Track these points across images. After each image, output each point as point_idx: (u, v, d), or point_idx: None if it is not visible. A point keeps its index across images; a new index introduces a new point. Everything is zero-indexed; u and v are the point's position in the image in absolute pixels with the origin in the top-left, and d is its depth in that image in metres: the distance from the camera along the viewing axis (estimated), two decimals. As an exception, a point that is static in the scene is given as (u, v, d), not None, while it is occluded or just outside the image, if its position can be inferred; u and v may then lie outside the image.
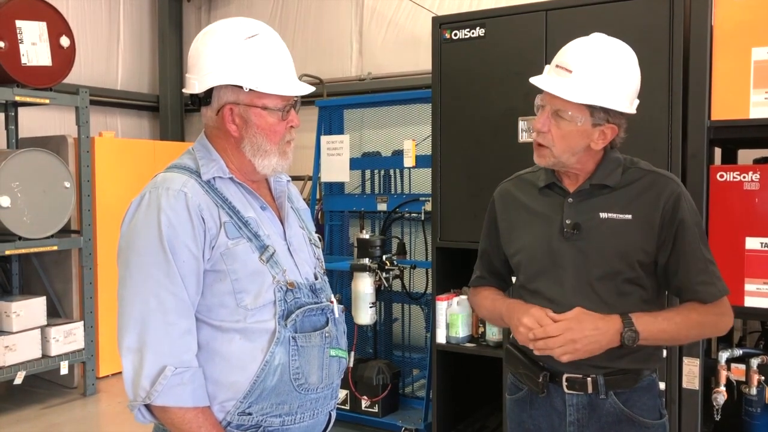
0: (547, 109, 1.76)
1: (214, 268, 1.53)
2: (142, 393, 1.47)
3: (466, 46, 3.57)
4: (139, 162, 5.99)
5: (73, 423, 4.78)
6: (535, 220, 1.87)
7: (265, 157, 1.61)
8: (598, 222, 1.77)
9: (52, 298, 5.40)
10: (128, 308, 1.49)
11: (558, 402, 1.82)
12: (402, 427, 4.19)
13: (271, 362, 1.53)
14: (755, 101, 2.81)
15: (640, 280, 1.77)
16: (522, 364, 1.86)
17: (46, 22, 4.93)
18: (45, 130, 6.22)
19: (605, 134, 1.75)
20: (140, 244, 1.50)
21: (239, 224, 1.57)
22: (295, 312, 1.58)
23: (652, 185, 1.78)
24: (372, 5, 6.47)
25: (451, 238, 3.70)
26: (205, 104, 1.62)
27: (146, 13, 7.64)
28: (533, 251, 1.85)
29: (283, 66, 1.61)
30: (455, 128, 3.65)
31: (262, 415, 1.55)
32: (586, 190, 1.80)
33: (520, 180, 1.99)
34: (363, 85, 6.42)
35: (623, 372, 1.78)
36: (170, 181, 1.56)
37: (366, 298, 4.23)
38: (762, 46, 2.79)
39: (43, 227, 4.89)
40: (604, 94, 1.70)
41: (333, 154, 4.74)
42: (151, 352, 1.46)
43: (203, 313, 1.54)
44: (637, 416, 1.79)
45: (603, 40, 1.76)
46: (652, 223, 1.75)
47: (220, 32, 1.60)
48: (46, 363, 4.96)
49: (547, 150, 1.78)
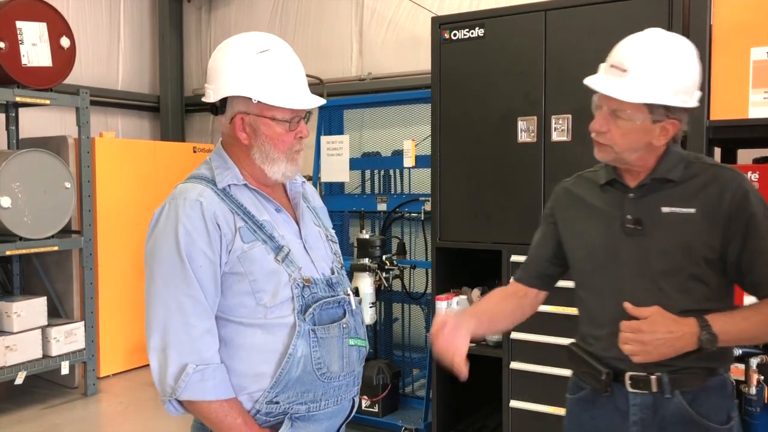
0: (605, 109, 1.73)
1: (233, 271, 1.64)
2: (168, 389, 1.60)
3: (465, 46, 3.58)
4: (139, 162, 5.99)
5: (73, 423, 4.79)
6: (595, 217, 1.84)
7: (274, 164, 1.71)
8: (660, 217, 1.73)
9: (53, 298, 5.40)
10: (152, 312, 1.62)
11: (621, 401, 1.78)
12: (402, 426, 4.19)
13: (294, 354, 1.64)
14: (754, 101, 2.81)
15: (704, 276, 1.71)
16: (584, 363, 1.84)
17: (46, 22, 4.94)
18: (45, 130, 6.23)
19: (667, 130, 1.71)
20: (160, 253, 1.62)
21: (254, 228, 1.67)
22: (312, 306, 1.68)
23: (716, 179, 1.72)
24: (372, 5, 6.47)
25: (451, 238, 3.71)
26: (221, 113, 1.73)
27: (146, 13, 7.65)
28: (592, 248, 1.83)
29: (292, 79, 1.70)
30: (455, 128, 3.65)
31: (288, 403, 1.67)
32: (648, 184, 1.77)
33: (581, 178, 1.96)
34: (363, 85, 6.42)
35: (689, 370, 1.72)
36: (187, 192, 1.67)
37: (366, 298, 4.23)
38: (761, 46, 2.79)
39: (43, 228, 4.90)
40: (662, 92, 1.66)
41: (333, 154, 4.74)
42: (174, 351, 1.59)
43: (225, 312, 1.66)
44: (703, 418, 1.72)
45: (657, 35, 1.72)
46: (717, 217, 1.69)
47: (235, 46, 1.71)
48: (47, 363, 4.97)
49: (608, 147, 1.75)
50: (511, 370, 3.48)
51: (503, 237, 3.51)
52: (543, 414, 3.39)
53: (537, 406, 3.41)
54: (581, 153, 3.27)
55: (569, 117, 3.30)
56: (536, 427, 3.43)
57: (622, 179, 1.82)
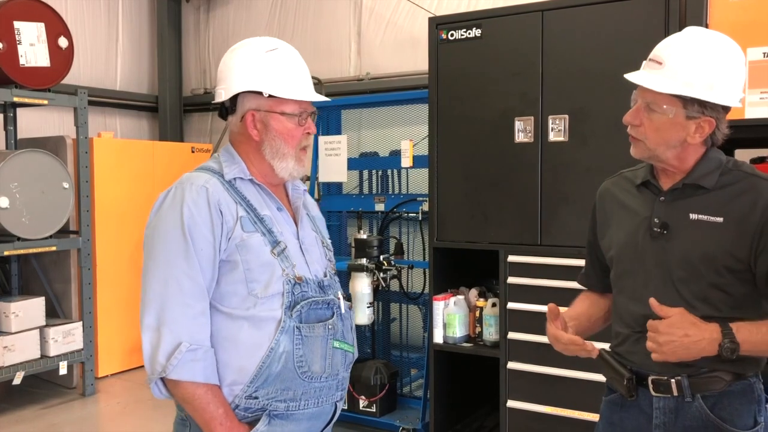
0: (639, 103, 1.72)
1: (229, 258, 1.67)
2: (158, 367, 1.61)
3: (462, 46, 3.58)
4: (138, 162, 5.99)
5: (72, 423, 4.79)
6: (628, 217, 1.84)
7: (283, 159, 1.77)
8: (687, 223, 1.72)
9: (51, 298, 5.40)
10: (150, 289, 1.65)
11: (645, 404, 1.79)
12: (400, 426, 4.20)
13: (276, 349, 1.66)
14: (750, 101, 2.82)
15: (726, 286, 1.69)
16: (611, 368, 1.84)
17: (44, 23, 4.94)
18: (43, 130, 6.23)
19: (702, 128, 1.68)
20: (164, 232, 1.66)
21: (255, 219, 1.72)
22: (300, 303, 1.71)
23: (750, 189, 1.69)
24: (370, 5, 6.47)
25: (449, 238, 3.71)
26: (231, 112, 1.78)
27: (145, 13, 7.64)
28: (622, 248, 1.83)
29: (299, 76, 1.78)
30: (452, 128, 3.65)
31: (267, 399, 1.68)
32: (680, 189, 1.74)
33: (621, 177, 1.95)
34: (361, 86, 6.42)
35: (712, 374, 1.70)
36: (194, 179, 1.72)
37: (364, 298, 4.23)
38: (757, 47, 2.80)
39: (41, 228, 4.90)
40: (696, 85, 1.63)
41: (331, 155, 4.75)
42: (168, 329, 1.61)
43: (217, 300, 1.68)
44: (726, 423, 1.70)
45: (697, 32, 1.71)
46: (746, 228, 1.66)
47: (245, 47, 1.78)
48: (45, 363, 4.96)
49: (641, 142, 1.73)
50: (508, 370, 3.49)
51: (500, 237, 3.52)
52: (540, 414, 3.40)
53: (534, 406, 3.42)
54: (578, 153, 3.28)
55: (566, 117, 3.31)
56: (533, 427, 3.44)
57: (656, 181, 1.80)
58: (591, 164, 3.25)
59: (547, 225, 3.38)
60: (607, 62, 3.17)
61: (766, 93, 2.82)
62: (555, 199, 3.36)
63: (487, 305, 3.69)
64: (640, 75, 1.71)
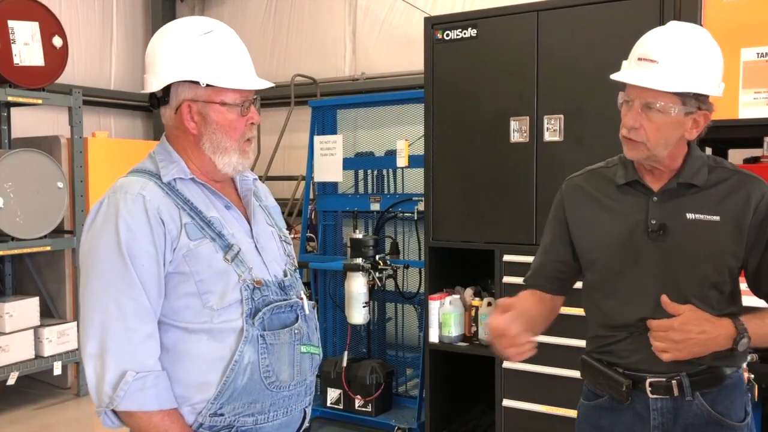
0: (636, 104, 1.67)
1: (177, 270, 1.52)
2: (105, 399, 1.48)
3: (458, 46, 3.59)
4: (132, 162, 5.79)
5: (66, 423, 4.78)
6: (614, 218, 1.79)
7: (225, 154, 1.60)
8: (684, 223, 1.71)
9: (45, 298, 5.38)
10: (89, 315, 1.50)
11: (641, 407, 1.76)
12: (395, 426, 4.20)
13: (240, 361, 1.53)
14: (744, 101, 2.83)
15: (722, 285, 1.70)
16: (602, 374, 1.80)
17: (38, 22, 4.93)
18: (38, 130, 6.20)
19: (698, 122, 1.69)
20: (99, 250, 1.50)
21: (201, 224, 1.56)
22: (263, 310, 1.57)
23: (742, 186, 1.71)
24: (365, 5, 6.48)
25: (444, 238, 3.71)
26: (164, 103, 1.61)
27: (139, 13, 7.62)
28: (610, 250, 1.78)
29: (240, 61, 1.61)
30: (448, 128, 3.66)
31: (234, 416, 1.55)
32: (673, 189, 1.73)
33: (593, 175, 1.91)
34: (356, 85, 6.42)
35: (709, 371, 1.71)
36: (129, 185, 1.55)
37: (359, 297, 4.23)
38: (751, 47, 2.81)
39: (36, 228, 4.88)
40: (694, 79, 1.63)
41: (326, 154, 4.75)
42: (112, 358, 1.47)
43: (169, 316, 1.54)
44: (724, 418, 1.72)
45: (681, 27, 1.70)
46: (742, 225, 1.68)
47: (176, 30, 1.61)
48: (39, 363, 4.95)
49: (641, 144, 1.69)
50: (503, 369, 3.49)
51: (496, 237, 3.52)
52: (535, 413, 3.40)
53: (529, 405, 3.42)
54: (573, 153, 3.29)
55: (561, 117, 3.32)
56: (529, 426, 3.45)
57: (643, 181, 1.77)
58: (586, 164, 3.18)
59: (542, 224, 3.32)
60: (603, 62, 3.16)
61: (760, 93, 2.83)
62: (550, 198, 3.28)
63: (483, 304, 3.70)
64: (638, 75, 1.66)
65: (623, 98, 1.72)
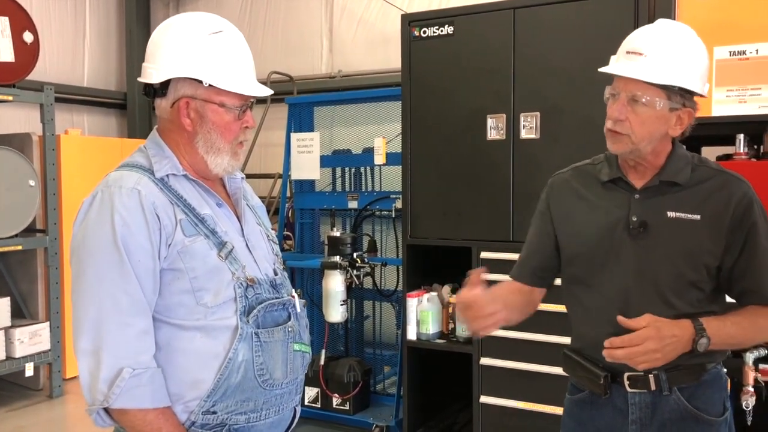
0: (622, 97, 1.68)
1: (172, 267, 1.51)
2: (99, 396, 1.45)
3: (435, 43, 3.59)
4: (106, 160, 5.86)
5: (39, 425, 4.70)
6: (597, 214, 1.80)
7: (218, 155, 1.60)
8: (665, 221, 1.72)
9: (17, 298, 5.29)
10: (83, 310, 1.47)
11: (620, 401, 1.77)
12: (373, 424, 4.19)
13: (234, 359, 1.52)
14: (717, 99, 2.87)
15: (701, 283, 1.71)
16: (581, 367, 1.82)
17: (8, 17, 4.83)
18: (9, 127, 6.09)
19: (682, 119, 1.70)
20: (93, 244, 1.47)
21: (195, 221, 1.55)
22: (257, 308, 1.57)
23: (724, 186, 1.72)
24: (342, 3, 6.46)
25: (422, 235, 3.72)
26: (160, 95, 1.59)
27: (113, 8, 7.52)
28: (591, 245, 1.79)
29: (244, 66, 1.61)
30: (425, 126, 3.66)
31: (227, 414, 1.54)
32: (655, 186, 1.74)
33: (578, 171, 1.92)
34: (333, 83, 6.40)
35: (686, 367, 1.72)
36: (123, 180, 1.52)
37: (337, 295, 4.22)
38: (723, 45, 2.85)
39: (7, 226, 4.80)
40: (680, 74, 1.65)
41: (303, 152, 4.72)
42: (108, 354, 1.44)
43: (162, 313, 1.52)
44: (702, 413, 1.74)
45: (669, 24, 1.72)
46: (721, 225, 1.69)
47: (185, 25, 1.59)
48: (11, 365, 4.86)
49: (625, 137, 1.69)
50: (481, 365, 3.50)
51: (473, 234, 3.54)
52: (513, 409, 3.42)
53: (507, 401, 3.44)
54: (550, 150, 3.31)
55: (538, 114, 3.33)
56: (506, 423, 3.46)
57: (626, 178, 1.78)
58: (562, 161, 3.21)
59: (519, 221, 3.40)
60: (579, 60, 3.20)
61: (732, 91, 2.87)
62: (527, 195, 3.38)
63: (460, 302, 3.71)
64: (625, 67, 1.67)
65: (609, 92, 1.73)
